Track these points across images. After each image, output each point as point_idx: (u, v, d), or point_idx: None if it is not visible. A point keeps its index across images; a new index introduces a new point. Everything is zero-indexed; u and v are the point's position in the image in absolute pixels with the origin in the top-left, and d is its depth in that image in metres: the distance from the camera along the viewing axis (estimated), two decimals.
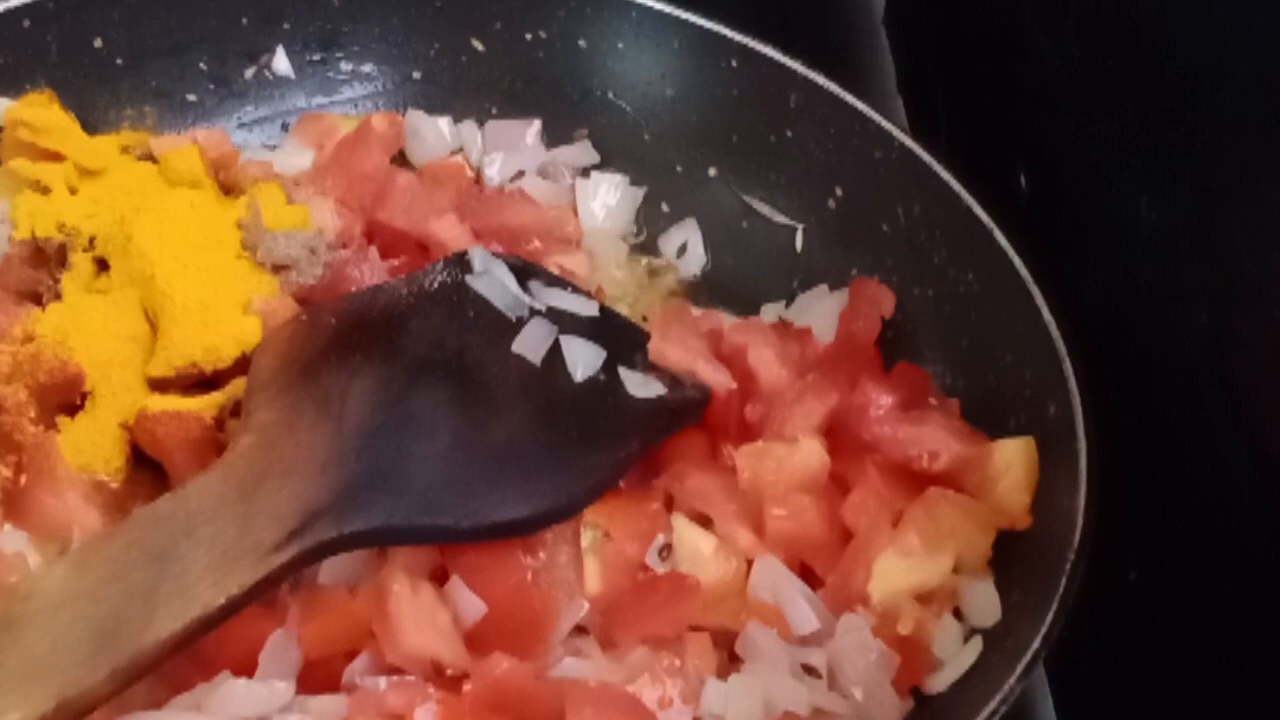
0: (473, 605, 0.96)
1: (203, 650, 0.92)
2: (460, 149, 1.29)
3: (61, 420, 1.04)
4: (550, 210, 1.23)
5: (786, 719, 0.94)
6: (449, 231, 1.17)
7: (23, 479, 1.02)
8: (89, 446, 1.03)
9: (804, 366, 1.11)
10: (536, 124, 1.28)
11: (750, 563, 1.02)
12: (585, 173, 1.27)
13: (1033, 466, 1.02)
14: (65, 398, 1.05)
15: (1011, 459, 1.02)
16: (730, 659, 0.99)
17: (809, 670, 0.97)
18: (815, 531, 1.02)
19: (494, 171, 1.27)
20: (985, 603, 1.00)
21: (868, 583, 0.99)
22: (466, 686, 0.92)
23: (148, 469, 1.04)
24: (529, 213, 1.22)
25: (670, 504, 1.04)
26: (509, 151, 1.28)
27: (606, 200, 1.26)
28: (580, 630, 0.99)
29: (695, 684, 0.95)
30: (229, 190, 1.18)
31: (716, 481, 1.05)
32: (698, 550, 1.01)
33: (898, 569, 1.00)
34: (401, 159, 1.26)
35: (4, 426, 1.02)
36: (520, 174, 1.27)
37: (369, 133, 1.23)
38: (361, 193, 1.18)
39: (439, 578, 0.97)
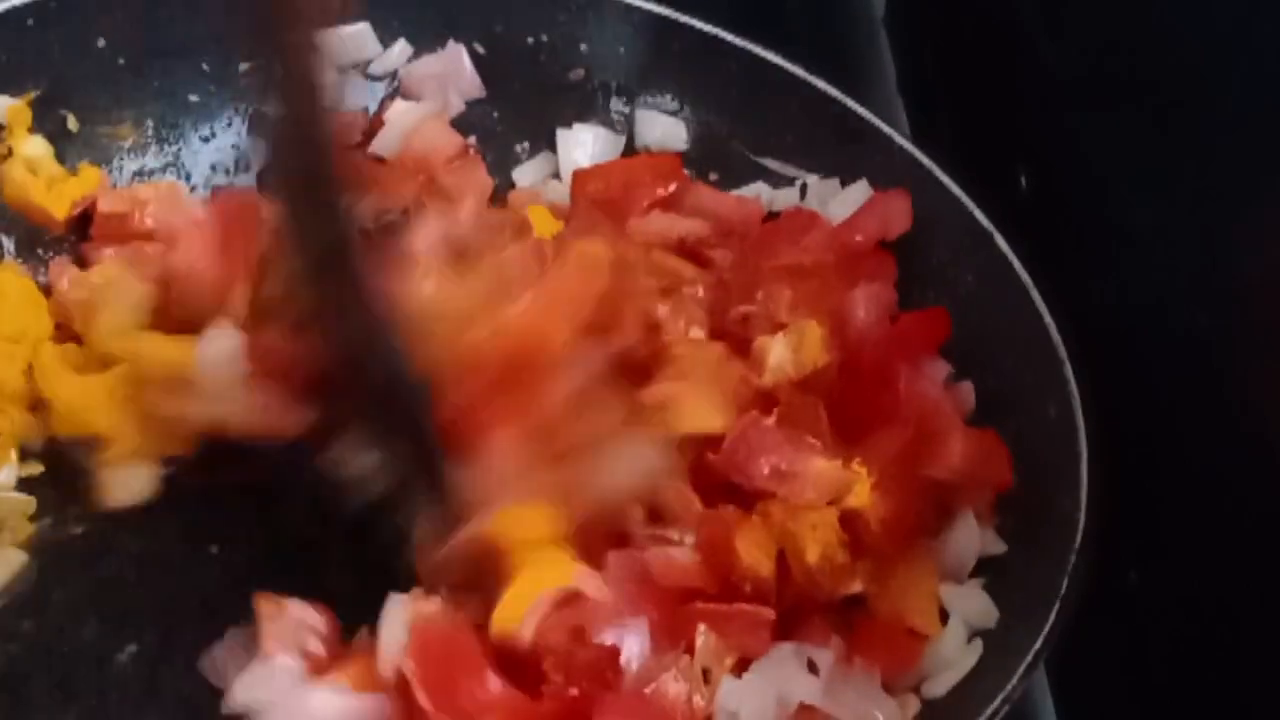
0: None
1: None
2: None
3: None
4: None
5: (802, 712, 0.94)
6: None
7: None
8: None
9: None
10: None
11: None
12: (568, 123, 1.26)
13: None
14: None
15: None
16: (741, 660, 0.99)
17: (810, 669, 0.97)
18: None
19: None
20: (985, 604, 1.00)
21: None
22: None
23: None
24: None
25: None
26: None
27: (590, 151, 1.25)
28: None
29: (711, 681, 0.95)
30: None
31: None
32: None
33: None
34: None
35: None
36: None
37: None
38: None
39: None
